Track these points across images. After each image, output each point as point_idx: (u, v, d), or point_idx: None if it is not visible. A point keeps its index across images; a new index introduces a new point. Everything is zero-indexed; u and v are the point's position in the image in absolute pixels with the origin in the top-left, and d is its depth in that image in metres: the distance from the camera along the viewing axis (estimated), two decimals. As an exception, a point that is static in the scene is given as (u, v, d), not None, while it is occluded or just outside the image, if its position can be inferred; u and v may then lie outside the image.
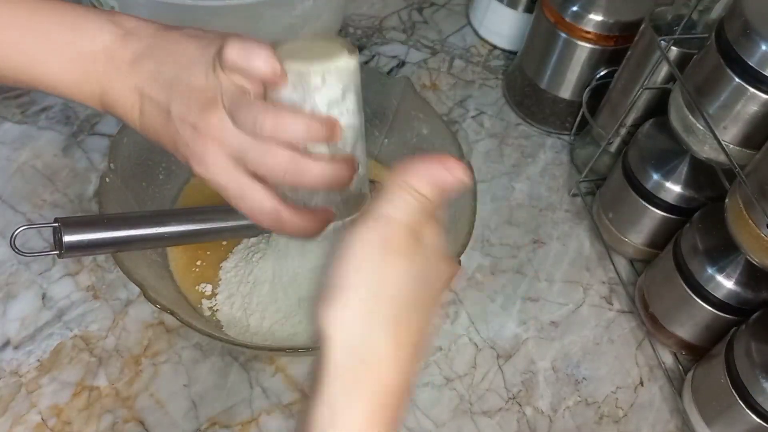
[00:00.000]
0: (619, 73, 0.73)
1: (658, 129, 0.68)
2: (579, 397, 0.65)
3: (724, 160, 0.58)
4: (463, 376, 0.65)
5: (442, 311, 0.69)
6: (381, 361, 0.32)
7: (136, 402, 0.60)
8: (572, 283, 0.73)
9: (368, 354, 0.32)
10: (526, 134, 0.85)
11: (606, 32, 0.74)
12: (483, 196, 0.77)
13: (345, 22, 0.93)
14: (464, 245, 0.61)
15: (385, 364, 0.32)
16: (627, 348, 0.69)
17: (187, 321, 0.55)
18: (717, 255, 0.60)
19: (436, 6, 0.98)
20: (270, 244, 0.64)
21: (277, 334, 0.61)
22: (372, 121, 0.75)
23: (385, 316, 0.33)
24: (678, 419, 0.65)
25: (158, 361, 0.62)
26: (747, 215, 0.53)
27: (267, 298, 0.62)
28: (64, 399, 0.60)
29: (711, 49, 0.56)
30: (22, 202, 0.70)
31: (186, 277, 0.65)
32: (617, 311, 0.71)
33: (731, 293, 0.60)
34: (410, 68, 0.90)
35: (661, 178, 0.66)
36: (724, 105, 0.56)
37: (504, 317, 0.69)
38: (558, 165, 0.83)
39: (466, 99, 0.87)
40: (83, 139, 0.76)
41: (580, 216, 0.78)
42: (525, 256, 0.74)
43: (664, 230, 0.68)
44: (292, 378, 0.63)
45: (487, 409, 0.63)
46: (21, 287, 0.65)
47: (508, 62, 0.92)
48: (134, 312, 0.65)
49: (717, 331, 0.62)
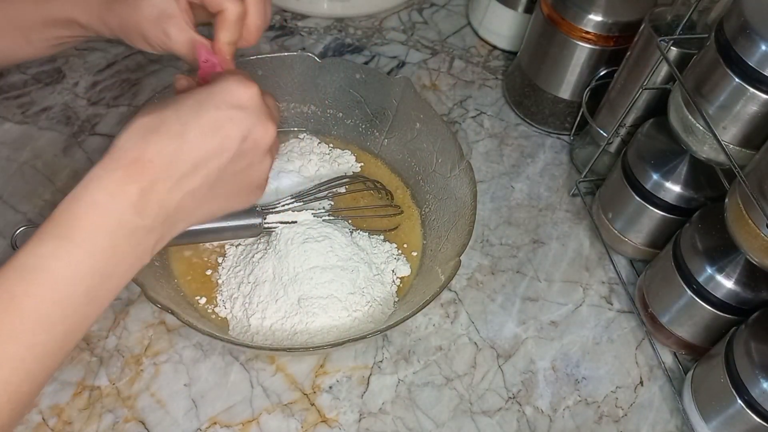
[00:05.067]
0: (619, 73, 0.74)
1: (657, 129, 0.68)
2: (579, 397, 0.65)
3: (723, 160, 0.58)
4: (463, 376, 0.65)
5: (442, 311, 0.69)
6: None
7: (137, 401, 0.60)
8: (572, 282, 0.73)
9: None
10: (525, 134, 0.85)
11: (606, 32, 0.74)
12: (483, 196, 0.77)
13: (345, 23, 0.94)
14: (464, 245, 0.61)
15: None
16: (627, 348, 0.69)
17: (188, 321, 0.55)
18: (717, 255, 0.61)
19: (436, 6, 0.98)
20: (270, 244, 0.64)
21: (277, 334, 0.61)
22: (372, 121, 0.75)
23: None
24: (678, 419, 0.65)
25: (159, 360, 0.63)
26: (747, 215, 0.53)
27: (267, 297, 0.62)
28: (64, 399, 0.60)
29: (710, 49, 0.56)
30: (22, 202, 0.70)
31: (186, 277, 0.65)
32: (617, 311, 0.71)
33: (731, 293, 0.60)
34: (410, 68, 0.90)
35: (661, 178, 0.66)
36: (723, 105, 0.56)
37: (504, 317, 0.69)
38: (558, 165, 0.83)
39: (465, 99, 0.87)
40: (84, 139, 0.76)
41: (579, 216, 0.78)
42: (525, 256, 0.74)
43: (664, 230, 0.68)
44: (293, 377, 0.63)
45: (487, 409, 0.64)
46: (22, 287, 0.65)
47: (507, 62, 0.92)
48: (135, 312, 0.65)
49: (717, 331, 0.63)
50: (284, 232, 0.64)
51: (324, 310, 0.61)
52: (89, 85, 0.81)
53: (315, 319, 0.61)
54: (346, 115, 0.76)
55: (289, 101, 0.76)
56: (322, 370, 0.64)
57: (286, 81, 0.74)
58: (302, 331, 0.61)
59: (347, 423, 0.61)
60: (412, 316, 0.57)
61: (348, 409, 0.62)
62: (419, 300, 0.59)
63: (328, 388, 0.63)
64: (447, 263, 0.61)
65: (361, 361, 0.65)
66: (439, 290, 0.58)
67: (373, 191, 0.72)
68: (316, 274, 0.62)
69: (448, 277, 0.59)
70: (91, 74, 0.82)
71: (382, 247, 0.68)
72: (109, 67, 0.83)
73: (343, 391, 0.63)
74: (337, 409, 0.62)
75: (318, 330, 0.61)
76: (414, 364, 0.65)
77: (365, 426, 0.61)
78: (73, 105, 0.79)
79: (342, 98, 0.75)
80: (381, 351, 0.66)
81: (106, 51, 0.85)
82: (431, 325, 0.68)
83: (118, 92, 0.81)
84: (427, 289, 0.61)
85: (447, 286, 0.59)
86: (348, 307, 0.62)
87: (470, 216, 0.63)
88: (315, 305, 0.61)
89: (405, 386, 0.64)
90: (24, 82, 0.80)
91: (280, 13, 0.94)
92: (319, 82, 0.74)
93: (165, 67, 0.84)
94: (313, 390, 0.63)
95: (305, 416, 0.61)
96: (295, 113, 0.76)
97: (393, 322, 0.57)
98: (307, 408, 0.62)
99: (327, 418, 0.61)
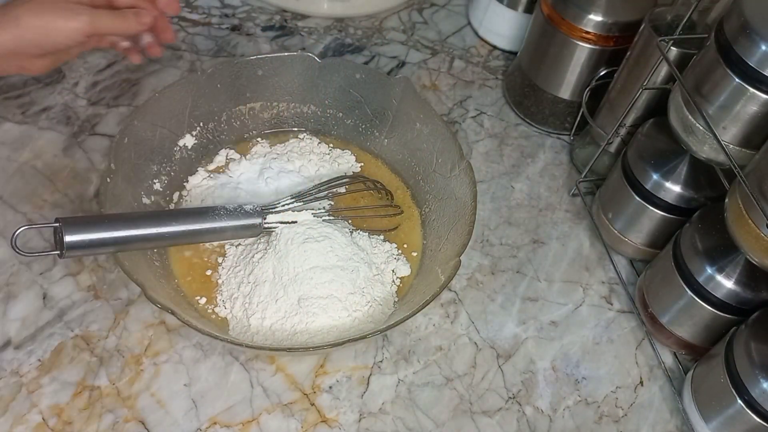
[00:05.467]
0: (619, 73, 0.74)
1: (657, 129, 0.68)
2: (579, 397, 0.65)
3: (723, 160, 0.58)
4: (463, 376, 0.65)
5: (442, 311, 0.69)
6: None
7: (137, 402, 0.60)
8: (572, 283, 0.73)
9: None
10: (525, 134, 0.85)
11: (606, 32, 0.74)
12: (483, 196, 0.77)
13: (345, 23, 0.94)
14: (464, 245, 0.61)
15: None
16: (627, 348, 0.69)
17: (187, 320, 0.55)
18: (717, 255, 0.61)
19: (436, 6, 0.98)
20: (270, 244, 0.64)
21: (277, 334, 0.61)
22: (372, 121, 0.75)
23: None
24: (678, 419, 0.65)
25: (159, 360, 0.63)
26: (747, 215, 0.53)
27: (267, 297, 0.62)
28: (64, 399, 0.60)
29: (710, 49, 0.56)
30: (22, 202, 0.70)
31: (186, 277, 0.65)
32: (617, 311, 0.71)
33: (731, 293, 0.60)
34: (410, 68, 0.90)
35: (661, 178, 0.66)
36: (723, 105, 0.56)
37: (504, 317, 0.69)
38: (557, 165, 0.83)
39: (466, 99, 0.87)
40: (84, 139, 0.76)
41: (579, 216, 0.78)
42: (525, 256, 0.74)
43: (664, 230, 0.68)
44: (293, 377, 0.63)
45: (487, 409, 0.64)
46: (22, 287, 0.65)
47: (507, 62, 0.92)
48: (135, 312, 0.65)
49: (717, 331, 0.63)
50: (284, 232, 0.64)
51: (324, 310, 0.61)
52: (89, 85, 0.81)
53: (315, 319, 0.61)
54: (346, 115, 0.76)
55: (289, 101, 0.76)
56: (322, 370, 0.64)
57: (286, 81, 0.74)
58: (302, 331, 0.61)
59: (347, 423, 0.61)
60: (411, 317, 0.57)
61: (348, 409, 0.62)
62: (419, 300, 0.59)
63: (328, 388, 0.63)
64: (447, 263, 0.61)
65: (361, 361, 0.65)
66: (438, 290, 0.58)
67: (373, 191, 0.72)
68: (316, 274, 0.62)
69: (448, 278, 0.59)
70: (91, 74, 0.82)
71: (382, 247, 0.68)
72: (109, 67, 0.83)
73: (343, 391, 0.63)
74: (337, 409, 0.62)
75: (318, 330, 0.61)
76: (414, 364, 0.65)
77: (365, 426, 0.61)
78: (73, 105, 0.79)
79: (342, 98, 0.75)
80: (381, 351, 0.66)
81: (106, 51, 0.85)
82: (431, 325, 0.68)
83: (118, 92, 0.81)
84: (427, 289, 0.61)
85: (447, 286, 0.59)
86: (348, 307, 0.62)
87: (470, 216, 0.63)
88: (315, 305, 0.61)
89: (405, 386, 0.64)
90: (24, 82, 0.80)
91: (280, 13, 0.94)
92: (319, 82, 0.74)
93: (165, 67, 0.84)
94: (313, 390, 0.63)
95: (305, 416, 0.61)
96: (295, 113, 0.76)
97: (393, 322, 0.57)
98: (307, 408, 0.62)
99: (327, 418, 0.61)
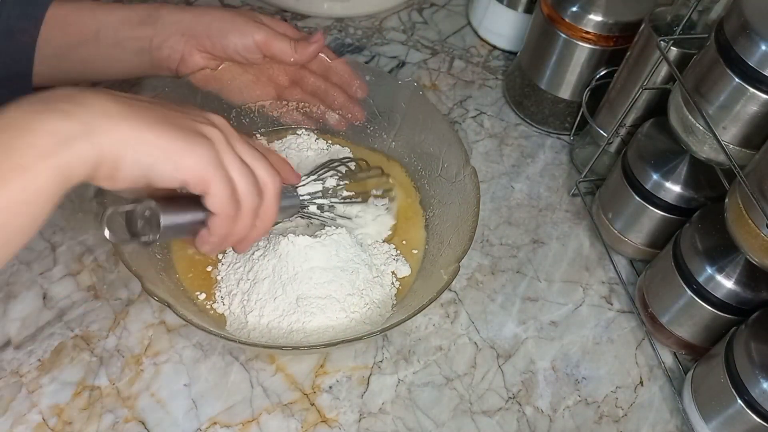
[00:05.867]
0: (619, 73, 0.74)
1: (657, 129, 0.68)
2: (579, 397, 0.65)
3: (723, 160, 0.58)
4: (463, 376, 0.65)
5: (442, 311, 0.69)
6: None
7: (137, 402, 0.60)
8: (572, 283, 0.73)
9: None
10: (525, 134, 0.85)
11: (605, 32, 0.74)
12: (483, 196, 0.77)
13: (345, 23, 0.94)
14: (465, 251, 0.61)
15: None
16: (627, 348, 0.69)
17: (183, 314, 0.55)
18: (717, 255, 0.61)
19: (436, 6, 0.98)
20: (270, 242, 0.64)
21: (274, 332, 0.61)
22: (380, 123, 0.74)
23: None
24: (678, 419, 0.65)
25: (159, 360, 0.63)
26: (747, 215, 0.53)
27: (266, 295, 0.62)
28: (64, 399, 0.60)
29: (710, 49, 0.56)
30: (22, 202, 0.70)
31: (188, 274, 0.65)
32: (617, 311, 0.71)
33: (731, 293, 0.60)
34: (410, 69, 0.90)
35: (661, 178, 0.66)
36: (723, 105, 0.56)
37: (504, 317, 0.69)
38: (557, 165, 0.83)
39: (465, 99, 0.87)
40: (84, 139, 0.76)
41: (579, 216, 0.78)
42: (525, 256, 0.74)
43: (664, 230, 0.68)
44: (293, 377, 0.63)
45: (487, 409, 0.64)
46: (22, 287, 0.65)
47: (507, 62, 0.92)
48: (135, 312, 0.65)
49: (717, 331, 0.63)
50: (289, 228, 0.64)
51: (322, 311, 0.61)
52: (89, 85, 0.81)
53: (312, 319, 0.61)
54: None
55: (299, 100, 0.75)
56: (322, 370, 0.64)
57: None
58: (299, 330, 0.61)
59: (347, 423, 0.61)
60: (408, 320, 0.57)
61: (348, 409, 0.62)
62: (416, 304, 0.58)
63: (328, 388, 0.63)
64: (446, 268, 0.61)
65: (361, 361, 0.65)
66: (436, 295, 0.58)
67: (366, 170, 0.70)
68: (315, 274, 0.62)
69: (446, 283, 0.59)
70: (91, 74, 0.82)
71: (382, 247, 0.68)
72: (109, 67, 0.83)
73: (343, 391, 0.63)
74: (337, 409, 0.62)
75: (314, 330, 0.61)
76: (414, 364, 0.65)
77: (365, 426, 0.61)
78: (73, 105, 0.79)
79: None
80: (381, 351, 0.66)
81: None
82: (431, 325, 0.68)
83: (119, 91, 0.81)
84: (426, 293, 0.60)
85: (445, 290, 0.59)
86: (346, 308, 0.62)
87: (472, 222, 0.62)
88: (313, 305, 0.61)
89: (405, 386, 0.64)
90: (24, 82, 0.80)
91: (280, 13, 0.94)
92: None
93: (165, 67, 0.84)
94: (313, 390, 0.63)
95: (305, 416, 0.61)
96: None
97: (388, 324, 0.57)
98: (307, 408, 0.62)
99: (327, 418, 0.61)
